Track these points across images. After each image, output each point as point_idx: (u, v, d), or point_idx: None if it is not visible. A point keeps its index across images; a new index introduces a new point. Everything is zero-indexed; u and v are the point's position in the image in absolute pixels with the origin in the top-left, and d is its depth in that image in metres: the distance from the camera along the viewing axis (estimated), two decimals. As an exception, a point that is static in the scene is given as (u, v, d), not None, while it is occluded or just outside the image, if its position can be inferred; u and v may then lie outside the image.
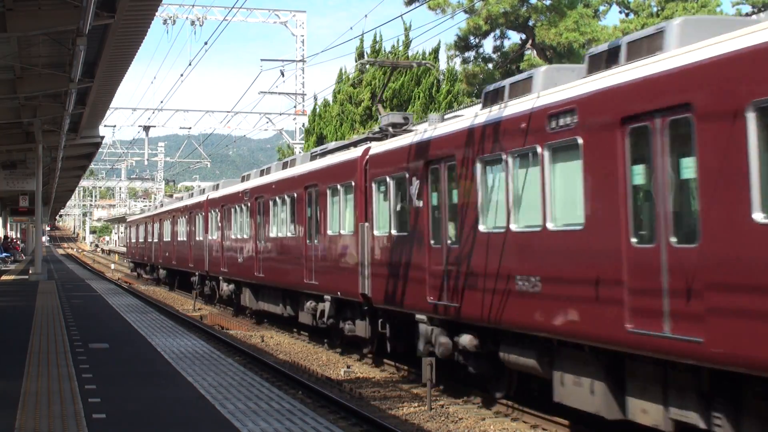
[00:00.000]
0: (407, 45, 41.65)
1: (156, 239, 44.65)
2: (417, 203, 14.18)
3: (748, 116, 7.84)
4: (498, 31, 42.49)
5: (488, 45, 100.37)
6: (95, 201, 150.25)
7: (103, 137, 41.62)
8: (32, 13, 17.79)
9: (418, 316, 14.29)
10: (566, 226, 10.43)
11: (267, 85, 74.93)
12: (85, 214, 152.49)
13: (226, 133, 55.95)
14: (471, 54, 43.17)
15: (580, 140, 10.08)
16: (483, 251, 12.13)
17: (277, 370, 16.15)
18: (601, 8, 43.75)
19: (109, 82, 26.37)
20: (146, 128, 51.24)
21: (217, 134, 57.37)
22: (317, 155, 20.35)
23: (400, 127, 16.74)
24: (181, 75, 30.53)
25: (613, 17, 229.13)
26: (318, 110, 48.30)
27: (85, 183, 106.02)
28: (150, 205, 79.23)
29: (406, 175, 14.65)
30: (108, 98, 30.52)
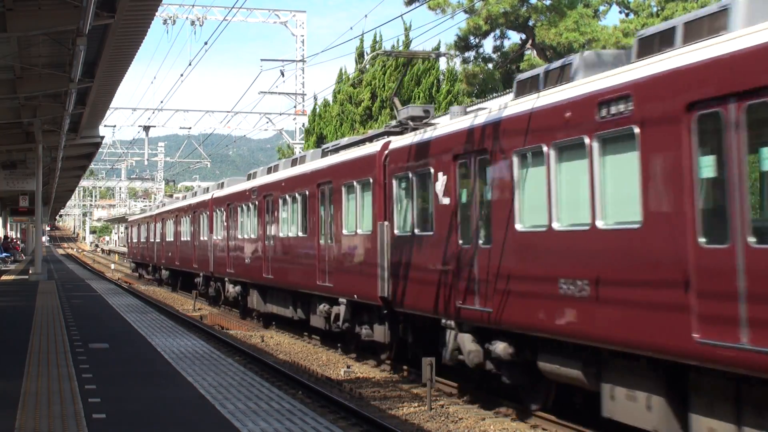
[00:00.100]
0: (407, 45, 41.63)
1: (158, 239, 44.10)
2: (443, 201, 13.34)
3: None
4: (498, 31, 42.52)
5: (488, 45, 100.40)
6: (95, 201, 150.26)
7: (103, 137, 41.62)
8: (32, 13, 17.78)
9: (445, 322, 13.34)
10: (619, 225, 9.57)
11: (267, 85, 74.90)
12: (85, 214, 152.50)
13: (226, 133, 56.04)
14: (471, 54, 43.21)
15: (637, 129, 9.20)
16: (520, 252, 11.31)
17: (277, 370, 16.14)
18: (601, 8, 43.76)
19: (109, 82, 26.36)
20: (146, 128, 51.25)
21: (217, 134, 57.49)
22: (329, 151, 19.68)
23: (421, 121, 15.95)
24: (181, 75, 30.57)
25: (613, 17, 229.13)
26: (318, 110, 48.32)
27: (85, 183, 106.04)
28: (150, 205, 79.18)
29: (430, 170, 13.82)
30: (108, 98, 30.52)
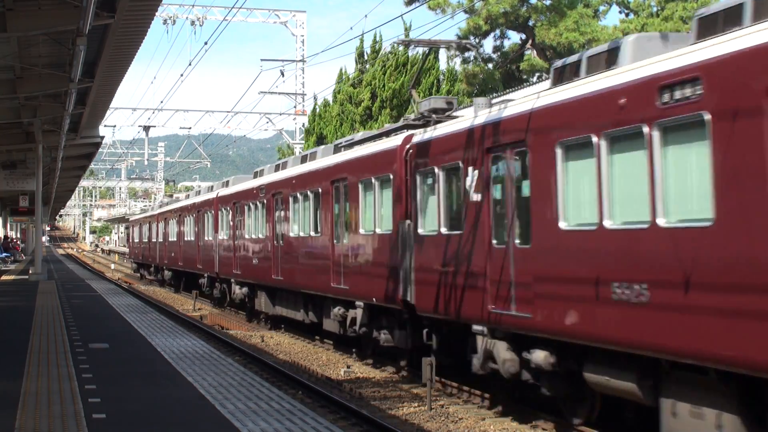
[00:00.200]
0: (407, 45, 41.61)
1: (161, 239, 43.52)
2: (474, 197, 12.40)
3: None
4: (498, 31, 42.57)
5: (488, 45, 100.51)
6: (95, 201, 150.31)
7: (103, 137, 41.61)
8: (32, 13, 17.79)
9: (476, 327, 12.42)
10: (686, 222, 8.64)
11: (267, 85, 75.01)
12: (85, 214, 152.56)
13: (226, 133, 56.02)
14: (471, 54, 43.25)
15: (708, 116, 8.25)
16: (564, 252, 10.37)
17: (277, 370, 16.15)
18: (601, 8, 43.81)
19: (109, 82, 26.36)
20: (146, 128, 51.24)
21: (217, 134, 57.48)
22: (342, 147, 18.90)
23: (443, 113, 15.01)
24: (181, 75, 30.61)
25: (613, 17, 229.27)
26: (318, 110, 48.33)
27: (85, 183, 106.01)
28: (150, 205, 79.15)
29: (459, 164, 12.87)
30: (108, 98, 30.52)
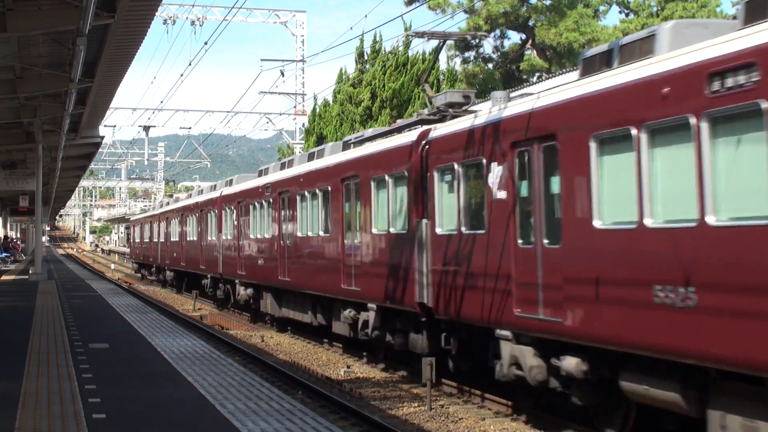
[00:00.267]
0: (407, 45, 41.66)
1: (163, 239, 43.15)
2: (498, 195, 11.85)
3: None
4: (498, 31, 42.58)
5: (488, 45, 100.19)
6: (95, 201, 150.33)
7: (103, 137, 41.64)
8: (32, 13, 17.80)
9: (500, 332, 11.84)
10: (740, 221, 8.02)
11: (267, 85, 74.95)
12: (85, 214, 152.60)
13: (226, 133, 56.06)
14: (471, 54, 43.28)
15: (765, 104, 7.69)
16: (599, 253, 9.78)
17: (277, 370, 16.15)
18: (601, 8, 43.83)
19: (109, 82, 26.38)
20: (146, 128, 51.27)
21: (217, 134, 57.49)
22: (352, 143, 18.41)
23: (461, 107, 14.50)
24: (181, 75, 30.63)
25: (613, 17, 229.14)
26: (318, 110, 48.34)
27: (85, 183, 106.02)
28: (151, 205, 79.14)
29: (482, 160, 12.28)
30: (108, 98, 30.54)
